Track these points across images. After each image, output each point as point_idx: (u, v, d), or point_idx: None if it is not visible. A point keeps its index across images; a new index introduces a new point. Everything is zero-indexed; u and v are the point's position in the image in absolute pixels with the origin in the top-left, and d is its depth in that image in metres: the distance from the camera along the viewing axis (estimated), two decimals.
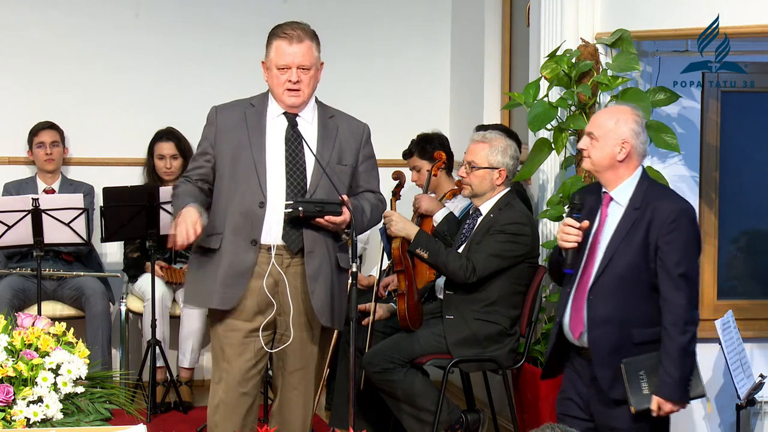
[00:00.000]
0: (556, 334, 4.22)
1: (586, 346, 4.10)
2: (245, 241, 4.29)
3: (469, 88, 6.90)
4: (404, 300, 5.17)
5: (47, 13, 6.76)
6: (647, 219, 4.04)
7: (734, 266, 5.63)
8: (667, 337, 3.99)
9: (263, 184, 4.29)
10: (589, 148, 4.15)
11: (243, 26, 6.87)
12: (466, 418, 5.23)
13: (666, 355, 3.99)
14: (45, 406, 3.55)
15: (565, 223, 4.15)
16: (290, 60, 4.28)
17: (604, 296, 4.06)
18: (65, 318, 6.00)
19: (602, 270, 4.07)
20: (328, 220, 4.25)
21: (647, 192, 4.10)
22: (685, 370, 4.01)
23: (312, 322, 4.37)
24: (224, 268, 4.30)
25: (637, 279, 4.05)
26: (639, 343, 4.05)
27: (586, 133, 4.19)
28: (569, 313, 4.16)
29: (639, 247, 4.03)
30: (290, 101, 4.32)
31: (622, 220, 4.09)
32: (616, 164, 4.12)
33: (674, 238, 4.00)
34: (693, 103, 5.34)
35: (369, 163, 4.49)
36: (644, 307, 4.05)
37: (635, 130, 4.12)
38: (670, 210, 4.03)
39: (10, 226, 5.81)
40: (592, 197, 4.21)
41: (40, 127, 6.57)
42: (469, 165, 5.20)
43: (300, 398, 4.46)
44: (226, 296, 4.31)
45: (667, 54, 5.21)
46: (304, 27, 4.34)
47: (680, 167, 5.30)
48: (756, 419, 5.29)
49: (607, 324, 4.05)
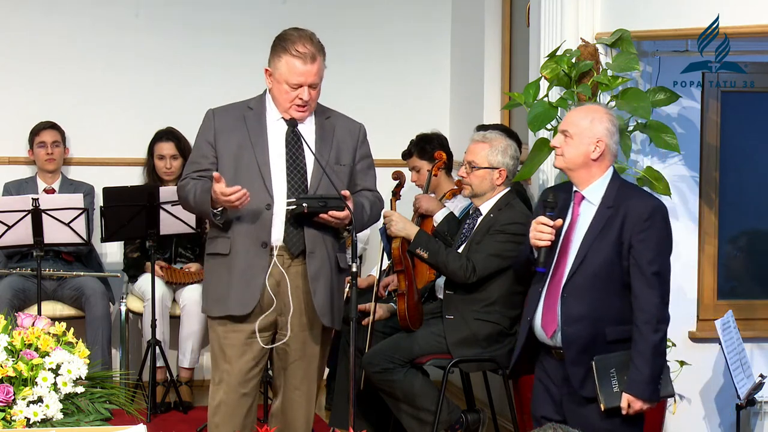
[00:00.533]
0: (526, 334, 4.22)
1: (559, 344, 4.11)
2: (256, 243, 4.29)
3: (469, 88, 6.90)
4: (404, 300, 5.17)
5: (47, 14, 6.76)
6: (620, 217, 4.06)
7: (734, 266, 5.62)
8: (639, 334, 4.01)
9: (269, 185, 4.28)
10: (563, 145, 4.17)
11: (243, 27, 6.87)
12: (466, 418, 5.23)
13: (637, 353, 4.00)
14: (45, 406, 3.55)
15: (539, 221, 4.15)
16: (303, 80, 4.27)
17: (578, 294, 4.08)
18: (65, 318, 6.00)
19: (576, 268, 4.09)
20: (332, 215, 4.24)
21: (619, 191, 4.13)
22: (655, 369, 4.02)
23: (313, 322, 4.37)
24: (238, 273, 4.29)
25: (611, 277, 4.07)
26: (612, 341, 4.07)
27: (560, 131, 4.22)
28: (541, 311, 4.17)
29: (612, 245, 4.05)
30: (298, 116, 4.32)
31: (595, 219, 4.11)
32: (590, 163, 4.14)
33: (648, 236, 4.03)
34: (693, 103, 5.34)
35: (366, 162, 4.49)
36: (617, 304, 4.08)
37: (610, 130, 4.15)
38: (644, 208, 4.05)
39: (10, 226, 5.81)
40: (562, 196, 4.22)
41: (41, 126, 6.57)
42: (470, 165, 5.20)
43: (302, 398, 4.46)
44: (245, 301, 4.29)
45: (667, 54, 5.21)
46: (314, 42, 4.29)
47: (680, 167, 5.30)
48: (756, 419, 5.29)
49: (581, 321, 4.07)
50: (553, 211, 4.15)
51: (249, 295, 4.28)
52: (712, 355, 5.29)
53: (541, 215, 4.16)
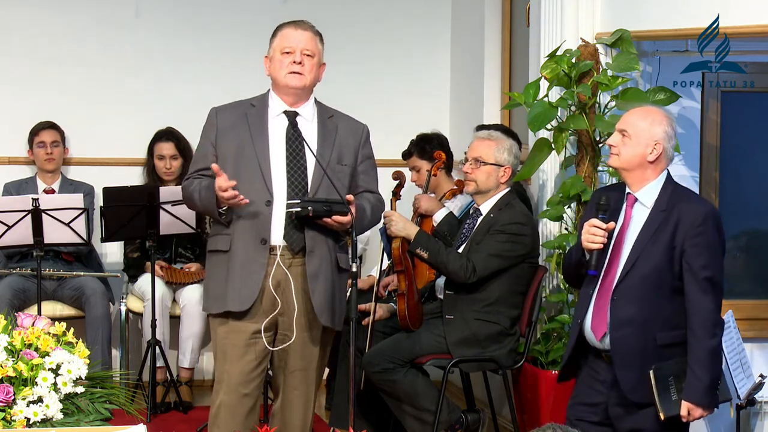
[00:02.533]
0: (576, 336, 4.18)
1: (608, 348, 4.06)
2: (255, 240, 4.29)
3: (469, 88, 6.90)
4: (404, 300, 5.17)
5: (47, 13, 6.76)
6: (674, 221, 4.01)
7: (734, 266, 5.62)
8: (695, 340, 3.95)
9: (269, 182, 4.29)
10: (620, 145, 4.10)
11: (243, 26, 6.87)
12: (466, 418, 5.23)
13: (695, 359, 3.94)
14: (45, 406, 3.55)
15: (592, 224, 4.08)
16: (295, 43, 4.33)
17: (628, 297, 4.02)
18: (65, 318, 6.00)
19: (627, 271, 4.03)
20: (336, 220, 4.25)
21: (673, 194, 4.07)
22: (714, 374, 3.98)
23: (313, 322, 4.36)
24: (237, 269, 4.29)
25: (662, 281, 4.01)
26: (662, 345, 4.01)
27: (618, 130, 4.13)
28: (591, 314, 4.11)
29: (665, 248, 4.00)
30: (293, 82, 4.33)
31: (647, 222, 4.05)
32: (646, 164, 4.08)
33: (701, 241, 3.97)
34: (693, 103, 5.34)
35: (368, 163, 4.49)
36: (668, 309, 4.02)
37: (668, 133, 4.09)
38: (698, 213, 4.00)
39: (10, 226, 5.81)
40: (614, 197, 4.17)
41: (40, 126, 6.57)
42: (476, 161, 5.20)
43: (301, 399, 4.45)
44: (242, 297, 4.29)
45: (667, 54, 5.22)
46: (309, 23, 4.42)
47: (680, 167, 5.30)
48: (756, 419, 5.28)
49: (631, 325, 4.02)
50: (606, 214, 4.09)
51: (247, 292, 4.28)
52: None
53: (594, 217, 4.09)
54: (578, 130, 5.14)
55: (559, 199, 5.18)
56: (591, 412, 4.14)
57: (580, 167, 5.20)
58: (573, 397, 4.24)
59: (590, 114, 5.12)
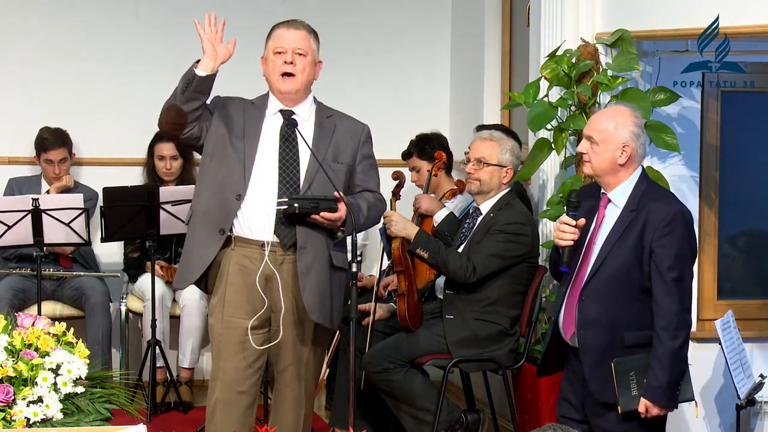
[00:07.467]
0: (552, 333, 4.21)
1: (578, 346, 4.09)
2: (213, 228, 4.30)
3: (469, 88, 6.90)
4: (404, 300, 5.17)
5: (47, 14, 6.76)
6: (642, 221, 4.00)
7: (734, 266, 5.63)
8: (657, 341, 3.96)
9: (247, 177, 4.28)
10: (589, 152, 4.11)
11: (243, 26, 6.82)
12: (466, 418, 5.23)
13: (656, 359, 3.96)
14: (45, 406, 3.56)
15: (561, 221, 4.13)
16: (286, 43, 4.34)
17: (595, 297, 4.04)
18: (65, 318, 6.00)
19: (595, 271, 4.05)
20: (324, 217, 4.24)
21: (644, 194, 4.07)
22: (674, 375, 3.98)
23: (304, 319, 4.35)
24: (186, 247, 4.39)
25: (629, 281, 4.02)
26: (629, 346, 4.02)
27: (585, 137, 4.14)
28: (563, 312, 4.15)
29: (632, 249, 4.00)
30: (285, 87, 4.33)
31: (617, 222, 4.06)
32: (617, 168, 4.08)
33: (668, 242, 3.96)
34: (693, 103, 5.34)
35: (367, 163, 4.48)
36: (635, 309, 4.02)
37: (635, 132, 4.08)
38: (665, 213, 3.99)
39: (10, 226, 5.81)
40: (592, 196, 4.19)
41: (49, 144, 6.39)
42: (479, 161, 5.20)
43: (292, 396, 4.43)
44: (182, 274, 4.40)
45: (667, 54, 5.21)
46: (303, 22, 4.41)
47: (680, 167, 5.30)
48: (756, 419, 5.29)
49: (597, 325, 4.03)
50: (576, 211, 4.11)
51: (187, 270, 4.36)
52: (712, 355, 5.29)
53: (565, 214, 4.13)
54: (578, 130, 5.13)
55: (559, 199, 5.18)
56: (572, 408, 4.18)
57: (580, 167, 5.20)
58: (560, 392, 4.27)
59: (590, 114, 5.12)
